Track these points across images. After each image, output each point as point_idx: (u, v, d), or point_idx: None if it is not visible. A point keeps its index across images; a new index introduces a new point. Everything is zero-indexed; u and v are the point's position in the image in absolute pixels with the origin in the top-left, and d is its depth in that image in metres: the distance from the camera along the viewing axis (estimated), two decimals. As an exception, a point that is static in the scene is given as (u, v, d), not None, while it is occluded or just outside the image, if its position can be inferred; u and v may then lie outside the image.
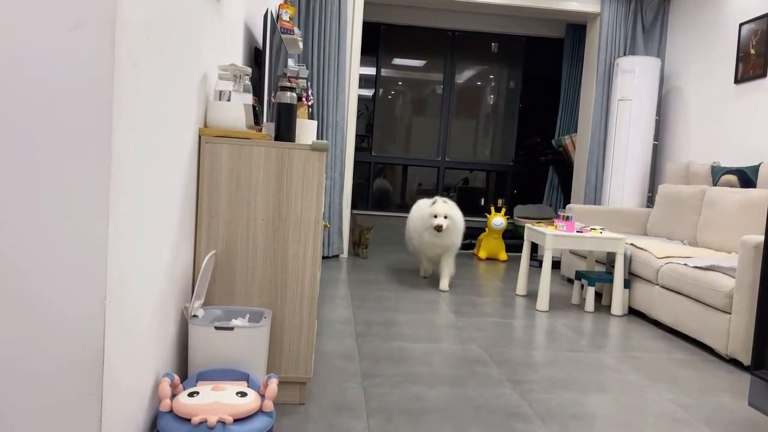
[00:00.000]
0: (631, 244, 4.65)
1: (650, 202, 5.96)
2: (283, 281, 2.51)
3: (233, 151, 2.43)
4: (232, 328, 2.24)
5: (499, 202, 6.88)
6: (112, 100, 1.44)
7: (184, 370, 2.26)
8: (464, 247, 7.31)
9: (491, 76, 9.56)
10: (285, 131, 2.57)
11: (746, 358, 3.38)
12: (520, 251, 6.71)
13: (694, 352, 3.71)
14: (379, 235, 7.88)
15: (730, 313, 3.50)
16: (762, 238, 3.47)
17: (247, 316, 2.40)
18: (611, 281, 4.52)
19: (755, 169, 4.64)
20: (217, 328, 2.23)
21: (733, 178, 4.82)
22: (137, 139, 1.65)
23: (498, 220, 6.54)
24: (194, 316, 2.26)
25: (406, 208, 9.20)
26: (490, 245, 6.72)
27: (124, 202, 1.56)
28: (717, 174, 5.01)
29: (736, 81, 5.24)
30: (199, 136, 2.40)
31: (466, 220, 8.50)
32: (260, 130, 2.69)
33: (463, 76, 9.32)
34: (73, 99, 1.42)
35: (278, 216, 2.48)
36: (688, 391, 3.02)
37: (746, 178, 4.71)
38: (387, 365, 3.12)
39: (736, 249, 4.35)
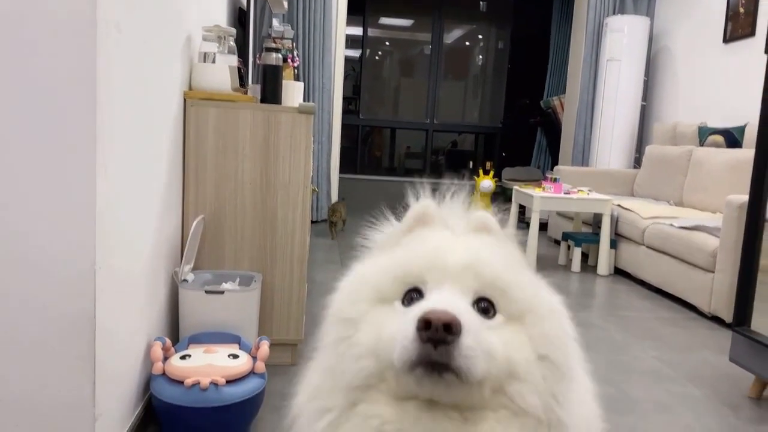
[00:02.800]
0: (618, 205, 4.68)
1: (637, 163, 5.99)
2: (273, 245, 2.51)
3: (219, 114, 2.40)
4: (222, 292, 2.25)
5: (488, 164, 6.88)
6: (95, 62, 1.41)
7: (176, 333, 2.27)
8: (453, 209, 7.34)
9: (479, 36, 9.46)
10: (271, 93, 2.55)
11: (728, 316, 3.45)
12: (508, 213, 6.75)
13: (678, 311, 3.78)
14: (369, 199, 7.89)
15: (714, 272, 3.56)
16: (746, 198, 3.51)
17: (237, 279, 2.41)
18: (598, 242, 4.57)
19: (741, 129, 4.66)
20: (207, 292, 2.23)
21: (719, 138, 4.84)
22: (122, 103, 1.63)
23: (486, 183, 6.55)
24: (184, 280, 2.27)
25: (394, 171, 9.19)
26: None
27: (111, 166, 1.54)
28: (704, 134, 5.02)
29: (725, 40, 5.21)
30: (184, 99, 2.37)
31: (453, 184, 8.47)
32: (246, 93, 2.65)
33: (452, 36, 9.21)
34: (55, 61, 1.39)
35: (266, 180, 2.47)
36: (672, 348, 3.09)
37: (732, 138, 4.73)
38: (377, 327, 3.16)
39: (721, 209, 4.39)
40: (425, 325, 0.70)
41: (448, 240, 0.86)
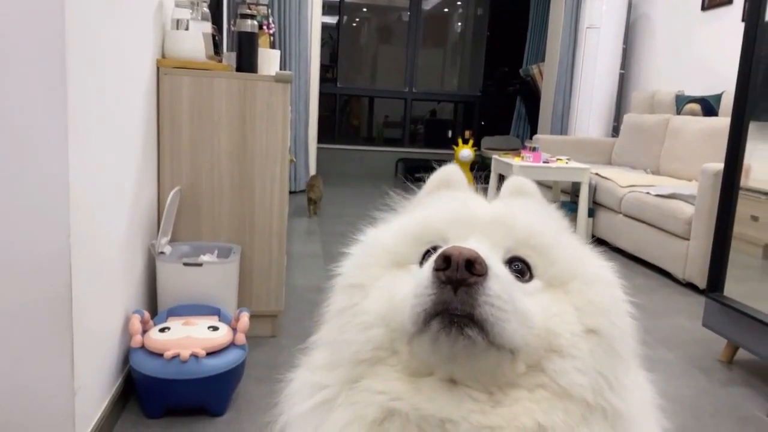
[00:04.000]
0: (596, 174, 4.71)
1: (616, 131, 6.02)
2: (251, 216, 2.48)
3: (194, 83, 2.34)
4: (200, 264, 2.23)
5: (467, 133, 6.86)
6: (64, 29, 1.36)
7: (154, 306, 2.25)
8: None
9: (458, 3, 9.35)
10: (247, 61, 2.49)
11: (702, 282, 3.51)
12: (488, 182, 6.77)
13: (653, 278, 3.84)
14: (347, 169, 7.84)
15: (689, 239, 3.61)
16: (722, 166, 3.55)
17: (216, 252, 2.38)
18: (576, 210, 4.60)
19: (718, 97, 4.69)
20: (185, 264, 2.21)
21: (696, 107, 4.87)
22: (92, 72, 1.58)
23: (466, 153, 6.55)
24: (161, 252, 2.24)
25: (373, 141, 9.12)
26: (458, 177, 6.75)
27: (83, 137, 1.50)
28: (681, 103, 5.05)
29: (703, 8, 5.21)
30: (158, 68, 2.31)
31: (432, 153, 8.49)
32: (221, 61, 2.59)
33: (430, 2, 9.09)
34: (23, 28, 1.34)
35: (243, 150, 2.43)
36: (647, 315, 3.12)
37: (709, 106, 4.76)
38: (357, 297, 3.16)
39: (697, 177, 4.44)
40: (444, 262, 0.58)
41: (477, 198, 0.77)
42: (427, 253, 0.70)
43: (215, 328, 2.01)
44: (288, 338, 2.59)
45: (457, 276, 0.58)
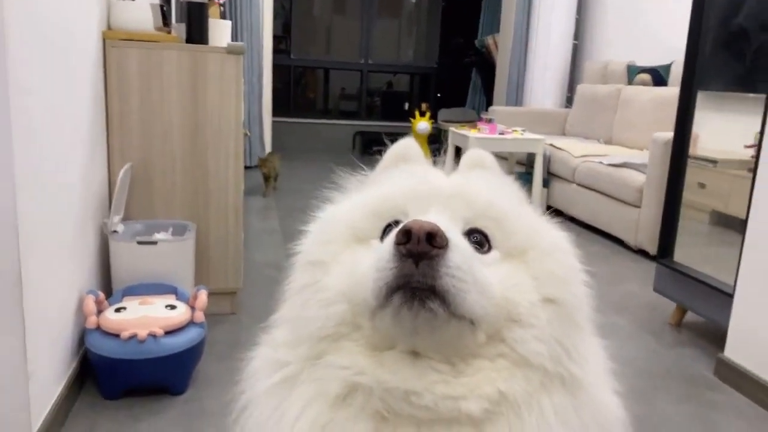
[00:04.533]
0: (550, 145, 4.78)
1: (569, 102, 6.10)
2: (206, 192, 2.44)
3: (142, 56, 2.27)
4: (155, 243, 2.18)
5: (423, 106, 6.85)
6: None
7: (109, 286, 2.20)
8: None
9: (413, -27, 9.25)
10: (197, 33, 2.42)
11: (652, 248, 3.62)
12: (446, 155, 6.80)
13: (606, 245, 3.95)
14: (303, 143, 7.76)
15: (640, 207, 3.71)
16: (671, 135, 3.64)
17: (171, 229, 2.34)
18: (531, 181, 4.67)
19: (667, 68, 4.79)
20: (139, 242, 2.16)
21: (647, 77, 4.96)
22: (34, 44, 1.50)
23: (423, 125, 6.55)
24: (114, 231, 2.18)
25: (329, 113, 9.03)
26: (415, 149, 6.76)
27: (26, 114, 1.44)
28: (632, 73, 5.14)
29: (653, -21, 5.28)
30: (104, 40, 2.22)
31: (389, 126, 8.47)
32: (169, 32, 2.51)
33: (385, -27, 8.96)
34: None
35: (196, 125, 2.38)
36: (600, 281, 3.20)
37: (659, 77, 4.86)
38: (317, 271, 3.15)
39: (648, 146, 4.55)
40: (405, 236, 0.58)
41: (435, 172, 0.77)
42: (387, 228, 0.70)
43: (173, 307, 1.98)
44: (247, 315, 2.57)
45: (418, 249, 0.58)
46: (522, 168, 5.14)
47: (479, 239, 0.68)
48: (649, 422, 1.92)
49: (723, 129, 3.03)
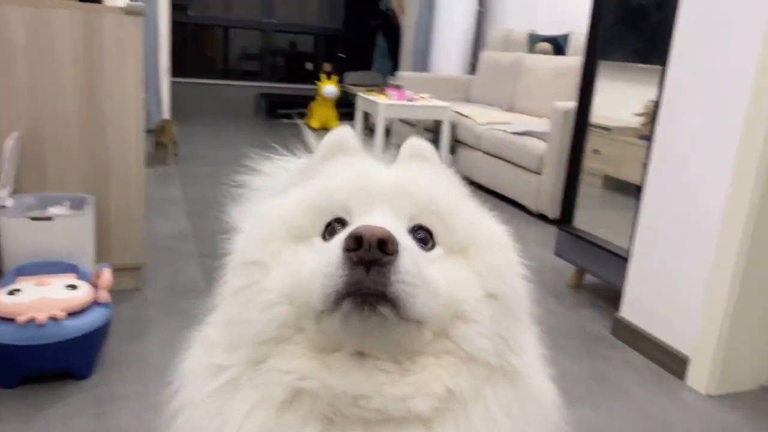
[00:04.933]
0: (456, 112, 4.86)
1: (473, 69, 6.20)
2: (105, 162, 2.29)
3: (28, 15, 2.06)
4: (50, 218, 2.03)
5: (326, 66, 6.72)
6: None
7: (-2, 266, 2.03)
8: (296, 115, 7.18)
9: (316, -70, 8.97)
10: (91, -10, 2.23)
11: (552, 213, 3.80)
12: (351, 119, 6.76)
13: (508, 211, 4.09)
14: (204, 105, 7.44)
15: (541, 174, 3.87)
16: (571, 104, 3.79)
17: (67, 203, 2.18)
18: (438, 148, 4.74)
19: (565, 37, 4.96)
20: (33, 218, 2.00)
21: (547, 46, 5.12)
22: None
23: (330, 88, 6.45)
24: (3, 206, 2.01)
25: (229, 74, 8.69)
26: (323, 114, 6.66)
27: None
28: (533, 42, 5.29)
29: (553, -51, 5.41)
30: (-19, -5, 2.00)
31: (294, 88, 8.27)
32: (59, -12, 2.30)
33: (287, -72, 8.64)
34: None
35: (91, 90, 2.21)
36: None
37: (558, 46, 5.03)
38: (225, 243, 3.06)
39: (549, 114, 4.73)
40: (355, 242, 0.57)
41: (375, 165, 0.75)
42: (329, 225, 0.69)
43: (74, 287, 1.85)
44: (154, 290, 2.47)
45: (370, 256, 0.57)
46: (429, 135, 5.20)
47: (423, 236, 0.68)
48: (552, 380, 2.03)
49: (615, 98, 3.19)
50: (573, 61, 4.65)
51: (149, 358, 2.01)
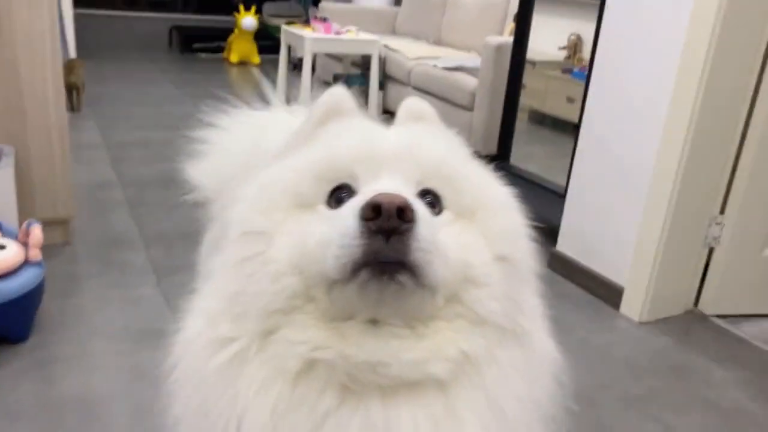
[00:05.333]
0: (385, 46, 4.75)
1: (398, 0, 6.05)
2: (21, 109, 2.10)
3: None
4: (-35, 172, 1.86)
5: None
6: None
7: None
8: (213, 50, 6.82)
9: None
10: None
11: (484, 150, 3.84)
12: (273, 53, 6.48)
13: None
14: (112, 39, 6.92)
15: (473, 110, 3.88)
16: (502, 39, 3.79)
17: (-20, 154, 2.00)
18: (366, 84, 4.65)
19: (492, -31, 4.91)
20: (-56, 174, 1.83)
21: (473, -23, 5.05)
22: None
23: (249, 20, 6.15)
24: None
25: (136, 4, 8.09)
26: (242, 48, 6.36)
27: None
28: (459, -27, 5.20)
29: None
30: None
31: (210, 20, 7.80)
32: None
33: None
34: None
35: (-1, 29, 1.99)
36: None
37: (484, -22, 4.97)
38: (155, 190, 2.93)
39: (475, 48, 4.71)
40: (373, 211, 0.56)
41: (377, 127, 0.73)
42: (334, 192, 0.66)
43: (2, 247, 1.72)
44: (83, 244, 2.34)
45: (390, 225, 0.56)
46: (356, 69, 5.09)
47: (431, 200, 0.67)
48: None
49: (539, 32, 3.19)
50: (501, -6, 4.62)
51: (86, 316, 1.92)
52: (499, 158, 2.90)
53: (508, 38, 3.92)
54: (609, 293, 2.23)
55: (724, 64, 1.91)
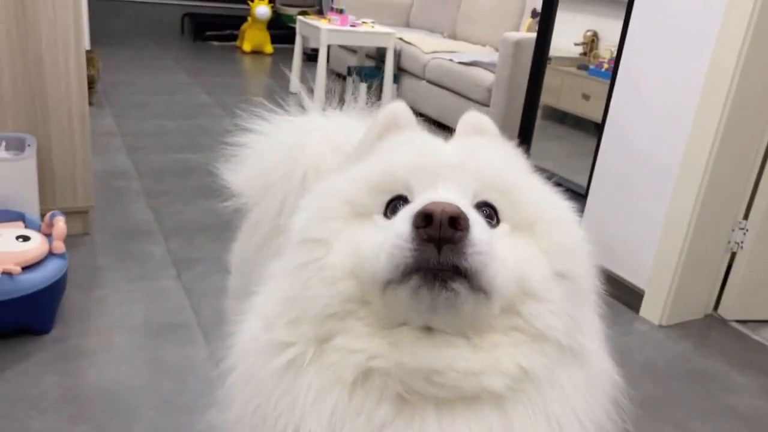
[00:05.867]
0: (400, 39, 4.73)
1: (412, -8, 6.01)
2: (44, 98, 2.09)
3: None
4: (-11, 162, 1.85)
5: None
6: None
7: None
8: (226, 38, 6.79)
9: None
10: None
11: (499, 145, 3.83)
12: (285, 42, 6.46)
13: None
14: (124, 26, 6.90)
15: (489, 106, 3.86)
16: (520, 35, 3.76)
17: (3, 144, 1.99)
18: (382, 76, 4.63)
19: (510, -37, 4.87)
20: (-31, 163, 1.82)
21: (490, -29, 5.01)
22: None
23: (262, 9, 6.12)
24: (-68, 150, 1.81)
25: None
26: (255, 37, 6.33)
27: None
28: (476, -34, 5.16)
29: None
30: None
31: (223, 8, 7.74)
32: None
33: None
34: None
35: (23, 16, 1.99)
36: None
37: (501, -29, 4.94)
38: (172, 180, 2.92)
39: (491, 42, 4.69)
40: (425, 220, 0.56)
41: (434, 139, 0.73)
42: (391, 202, 0.66)
43: (26, 238, 1.72)
44: (102, 234, 2.34)
45: (441, 235, 0.56)
46: (371, 62, 5.06)
47: (488, 212, 0.66)
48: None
49: (556, 27, 3.16)
50: (518, -12, 4.58)
51: (108, 308, 1.92)
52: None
53: (526, 34, 3.90)
54: (629, 296, 2.22)
55: (754, 69, 1.89)
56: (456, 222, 0.55)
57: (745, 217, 2.12)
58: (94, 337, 1.77)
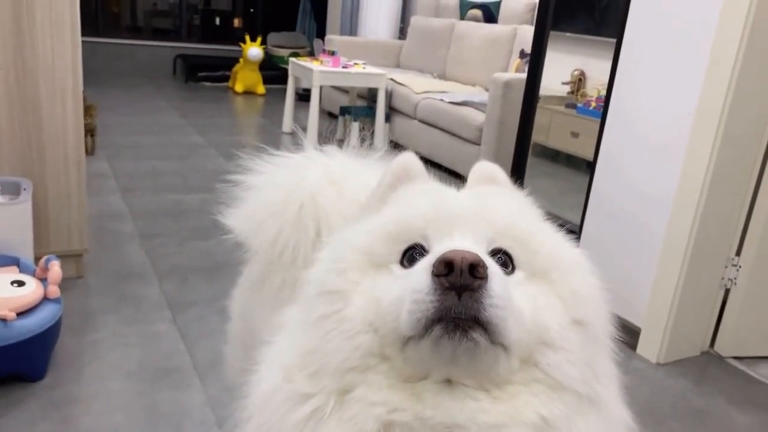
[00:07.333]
0: (391, 79, 4.80)
1: (402, 33, 6.13)
2: (40, 143, 2.10)
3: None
4: (-15, 207, 1.85)
5: (236, 21, 6.44)
6: None
7: (-77, 259, 1.84)
8: (218, 79, 6.86)
9: None
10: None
11: (491, 183, 3.86)
12: (276, 83, 6.53)
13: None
14: (117, 68, 6.97)
15: (480, 144, 3.91)
16: (510, 75, 3.83)
17: (-1, 188, 1.99)
18: (373, 116, 4.68)
19: (497, 4, 4.99)
20: (-35, 208, 1.82)
21: (478, 12, 5.13)
22: None
23: (254, 51, 6.21)
24: (-73, 195, 1.80)
25: (139, 32, 8.17)
26: (247, 78, 6.41)
27: None
28: (464, 8, 5.28)
29: None
30: None
31: (215, 49, 7.83)
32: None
33: None
34: None
35: (21, 63, 2.01)
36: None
37: (489, 13, 5.06)
38: (166, 221, 2.92)
39: (481, 83, 4.77)
40: (446, 267, 0.56)
41: (447, 189, 0.75)
42: (407, 251, 0.67)
43: (21, 283, 1.70)
44: (96, 278, 2.32)
45: (462, 282, 0.57)
46: (363, 101, 5.13)
47: (503, 260, 0.66)
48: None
49: (544, 67, 3.22)
50: (505, 29, 4.69)
51: (102, 353, 1.89)
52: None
53: (515, 74, 3.97)
54: (625, 334, 2.21)
55: (742, 109, 1.93)
56: (475, 269, 0.56)
57: (738, 253, 2.14)
58: (88, 383, 1.74)
